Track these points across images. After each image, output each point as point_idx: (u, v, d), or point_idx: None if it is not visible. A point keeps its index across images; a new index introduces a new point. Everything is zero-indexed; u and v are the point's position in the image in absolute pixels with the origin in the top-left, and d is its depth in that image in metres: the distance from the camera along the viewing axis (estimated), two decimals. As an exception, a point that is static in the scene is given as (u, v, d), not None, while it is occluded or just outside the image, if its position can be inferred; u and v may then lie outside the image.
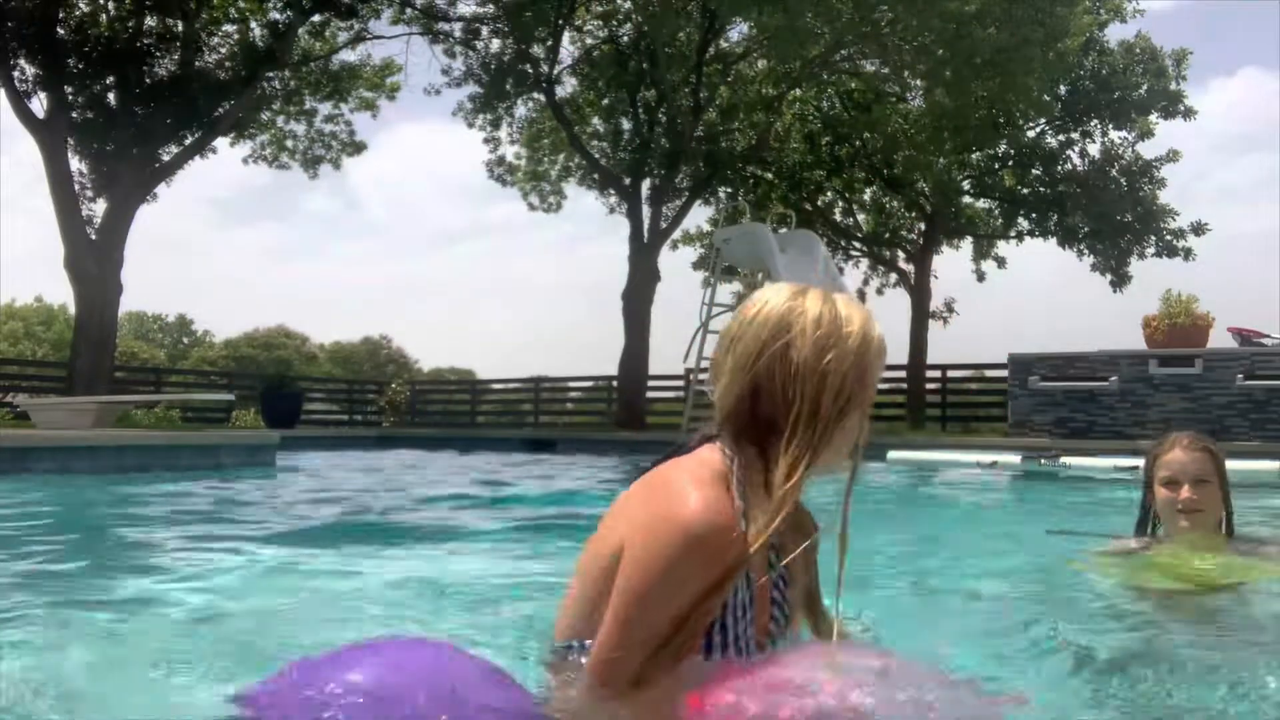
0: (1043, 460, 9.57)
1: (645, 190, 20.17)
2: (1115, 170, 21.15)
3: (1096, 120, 21.07)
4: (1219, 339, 13.11)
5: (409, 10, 19.50)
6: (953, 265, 45.69)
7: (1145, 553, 2.88)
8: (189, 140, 16.31)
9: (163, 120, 15.66)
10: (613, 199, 21.09)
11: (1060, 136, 21.61)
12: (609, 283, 20.53)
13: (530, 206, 23.48)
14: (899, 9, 16.03)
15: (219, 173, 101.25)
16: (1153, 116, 20.68)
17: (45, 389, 16.60)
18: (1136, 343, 13.39)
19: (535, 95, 20.96)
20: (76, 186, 15.34)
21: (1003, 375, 14.03)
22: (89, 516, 5.39)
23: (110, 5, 16.43)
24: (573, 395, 25.24)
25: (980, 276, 23.77)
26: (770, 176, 22.19)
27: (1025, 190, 22.06)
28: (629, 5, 19.52)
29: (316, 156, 21.01)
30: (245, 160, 20.70)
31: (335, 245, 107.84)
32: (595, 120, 21.71)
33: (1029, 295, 72.95)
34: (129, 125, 15.44)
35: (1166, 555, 2.79)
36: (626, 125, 20.93)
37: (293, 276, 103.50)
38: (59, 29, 15.32)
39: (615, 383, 20.24)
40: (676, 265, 37.28)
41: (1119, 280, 21.44)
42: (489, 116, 21.66)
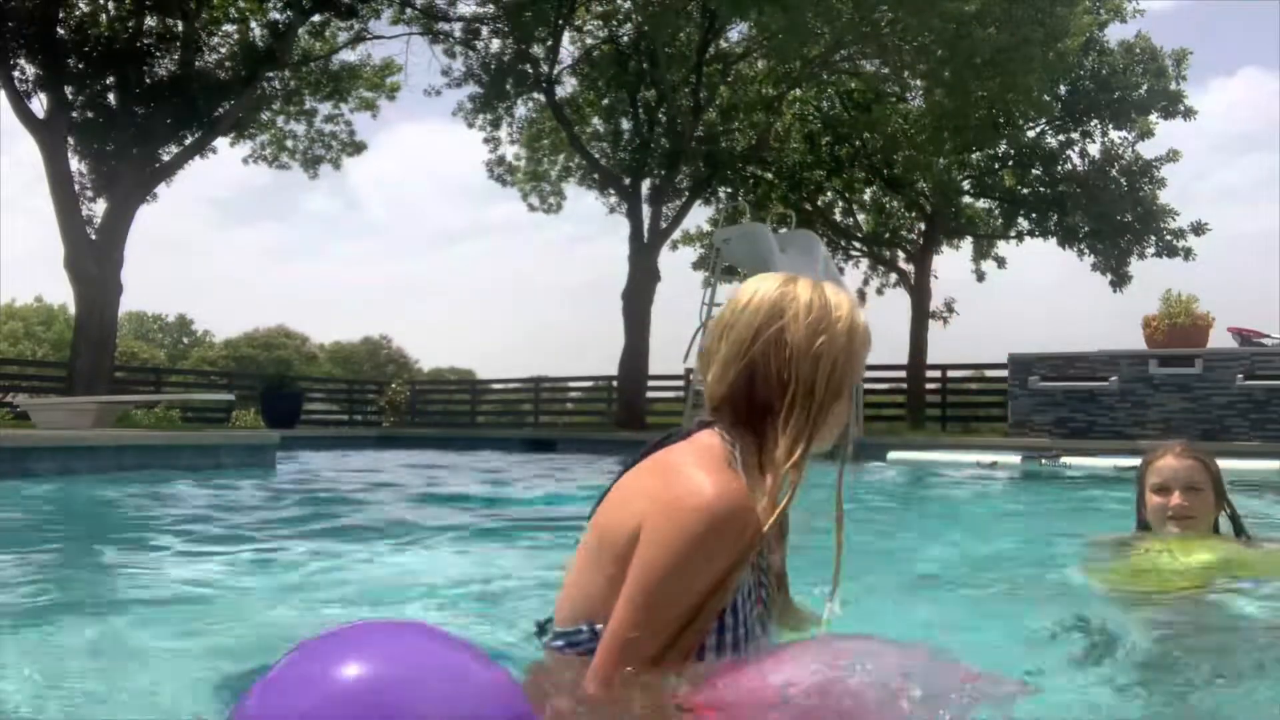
0: (1043, 461, 9.56)
1: (645, 190, 20.17)
2: (1115, 170, 21.15)
3: (1096, 120, 21.07)
4: (1219, 339, 13.12)
5: (409, 10, 19.51)
6: (953, 265, 45.76)
7: (1142, 544, 2.88)
8: (189, 140, 16.31)
9: (163, 120, 15.66)
10: (613, 199, 21.09)
11: (1060, 136, 21.61)
12: (609, 283, 20.54)
13: (530, 207, 23.51)
14: (899, 9, 16.03)
15: (219, 173, 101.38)
16: (1153, 116, 20.68)
17: (45, 389, 16.60)
18: (1136, 343, 13.38)
19: (535, 95, 20.96)
20: (76, 186, 15.34)
21: (1003, 375, 14.03)
22: (89, 516, 5.39)
23: (110, 5, 16.43)
24: (573, 395, 25.24)
25: (980, 276, 23.78)
26: (770, 176, 22.18)
27: (1025, 190, 22.06)
28: (629, 5, 19.52)
29: (316, 156, 21.02)
30: (245, 160, 20.73)
31: (335, 245, 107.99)
32: (595, 120, 21.71)
33: (1029, 295, 72.96)
34: (129, 125, 15.44)
35: (1164, 545, 2.79)
36: (626, 125, 20.93)
37: (293, 276, 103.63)
38: (59, 29, 15.32)
39: (615, 383, 20.24)
40: (676, 265, 37.26)
41: (1119, 280, 21.45)
42: (489, 116, 21.66)
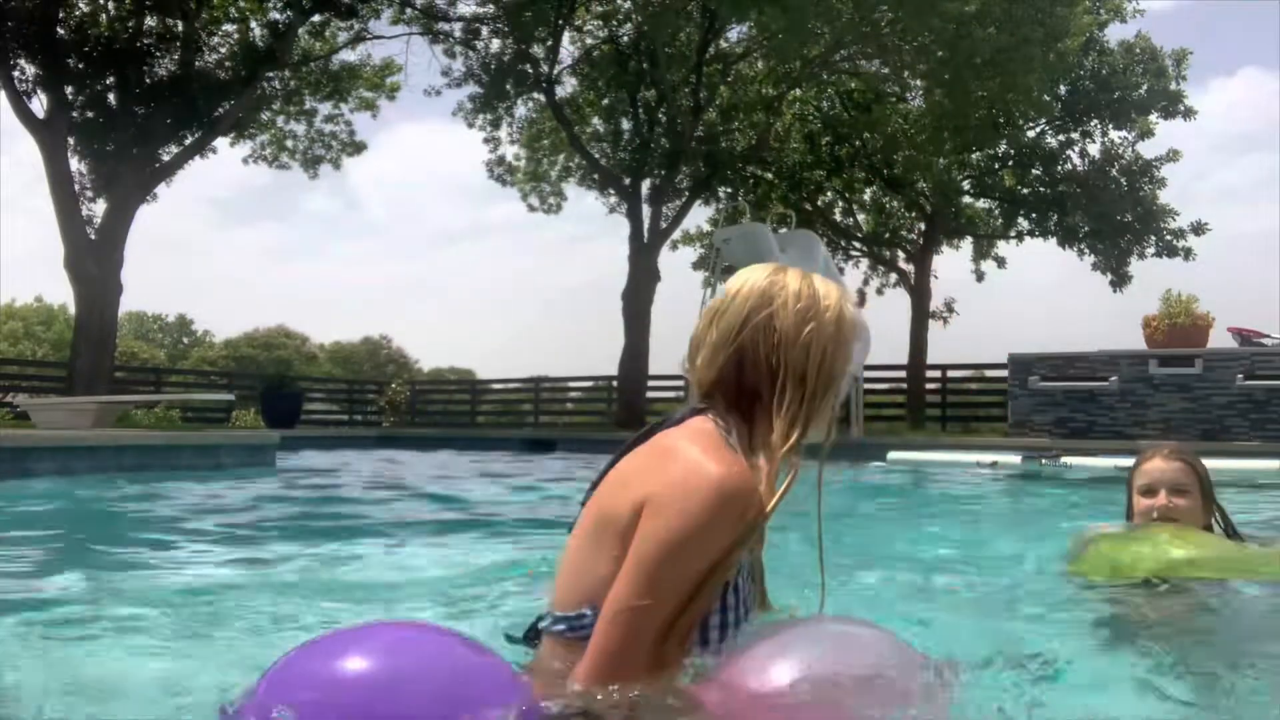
0: (1044, 461, 9.55)
1: (645, 190, 20.17)
2: (1115, 170, 21.15)
3: (1096, 120, 21.07)
4: (1219, 339, 13.11)
5: (409, 10, 19.50)
6: (953, 265, 45.68)
7: (1135, 533, 2.86)
8: (189, 140, 16.31)
9: (163, 120, 15.66)
10: (613, 199, 21.09)
11: (1060, 136, 21.61)
12: (609, 283, 20.55)
13: (530, 208, 23.51)
14: (899, 9, 16.03)
15: (219, 173, 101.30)
16: (1153, 116, 20.68)
17: (45, 389, 16.60)
18: (1136, 343, 13.38)
19: (535, 95, 20.96)
20: (76, 186, 15.34)
21: (1003, 375, 14.02)
22: (88, 517, 5.39)
23: (110, 5, 16.43)
24: (573, 395, 25.24)
25: (980, 276, 23.79)
26: (770, 176, 22.18)
27: (1025, 190, 22.06)
28: (629, 5, 19.52)
29: (316, 156, 21.02)
30: (245, 160, 20.72)
31: (335, 245, 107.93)
32: (595, 120, 21.70)
33: (1029, 295, 72.95)
34: (129, 125, 15.44)
35: (1156, 533, 2.76)
36: (626, 125, 20.93)
37: (293, 276, 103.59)
38: (59, 29, 15.32)
39: (615, 383, 20.24)
40: (676, 265, 37.21)
41: (1119, 280, 21.45)
42: (489, 116, 21.66)
